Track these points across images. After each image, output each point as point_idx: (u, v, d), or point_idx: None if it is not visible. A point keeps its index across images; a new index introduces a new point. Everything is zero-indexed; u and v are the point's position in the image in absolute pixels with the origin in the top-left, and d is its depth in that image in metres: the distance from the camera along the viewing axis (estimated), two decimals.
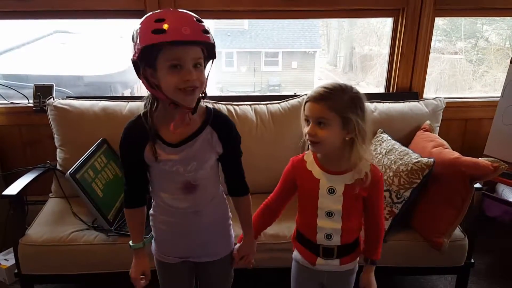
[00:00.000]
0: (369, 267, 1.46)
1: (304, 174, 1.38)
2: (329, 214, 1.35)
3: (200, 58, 1.13)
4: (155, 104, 1.20)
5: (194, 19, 1.10)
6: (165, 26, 1.05)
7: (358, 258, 1.47)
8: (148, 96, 1.22)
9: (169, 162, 1.21)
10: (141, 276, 1.35)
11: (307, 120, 1.28)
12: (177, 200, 1.27)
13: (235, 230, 1.47)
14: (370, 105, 2.30)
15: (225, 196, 1.40)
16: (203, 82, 1.15)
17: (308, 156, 1.39)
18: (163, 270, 1.42)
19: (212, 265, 1.41)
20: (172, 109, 1.16)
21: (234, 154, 1.31)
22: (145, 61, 1.11)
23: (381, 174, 1.37)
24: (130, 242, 1.35)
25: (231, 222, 1.44)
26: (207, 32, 1.10)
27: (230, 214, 1.43)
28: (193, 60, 1.11)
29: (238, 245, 1.46)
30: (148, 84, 1.14)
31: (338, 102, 1.22)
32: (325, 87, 1.25)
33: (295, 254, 1.51)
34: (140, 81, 1.17)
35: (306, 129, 1.28)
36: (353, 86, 1.28)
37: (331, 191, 1.33)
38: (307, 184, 1.37)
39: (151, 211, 1.36)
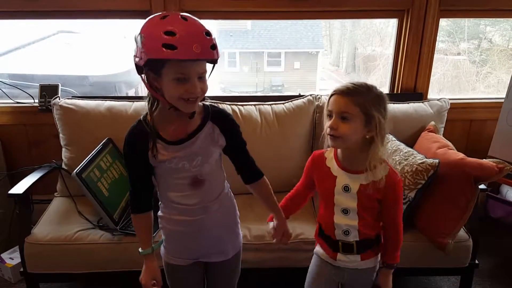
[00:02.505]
0: (385, 271, 1.46)
1: (322, 170, 1.40)
2: (345, 211, 1.37)
3: (205, 71, 1.15)
4: (155, 104, 1.21)
5: (204, 33, 1.09)
6: (176, 42, 1.04)
7: (379, 256, 1.47)
8: (148, 95, 1.23)
9: (174, 160, 1.23)
10: (153, 282, 1.35)
11: (329, 115, 1.28)
12: (186, 197, 1.28)
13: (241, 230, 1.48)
14: None
15: (232, 193, 1.41)
16: (205, 91, 1.17)
17: (329, 153, 1.41)
18: (173, 272, 1.43)
19: (222, 265, 1.42)
20: (171, 112, 1.18)
21: (239, 144, 1.33)
22: (149, 66, 1.12)
23: (399, 179, 1.35)
24: (140, 249, 1.34)
25: (239, 221, 1.45)
26: (214, 47, 1.11)
27: (237, 212, 1.44)
28: (198, 74, 1.13)
29: (272, 223, 1.47)
30: (149, 85, 1.16)
31: (364, 98, 1.24)
32: (352, 83, 1.26)
33: (317, 249, 1.52)
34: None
35: (328, 123, 1.28)
36: (377, 87, 1.29)
37: (346, 189, 1.34)
38: (325, 180, 1.39)
39: (159, 213, 1.37)
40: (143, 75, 1.16)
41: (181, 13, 1.11)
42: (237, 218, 1.44)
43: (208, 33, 1.10)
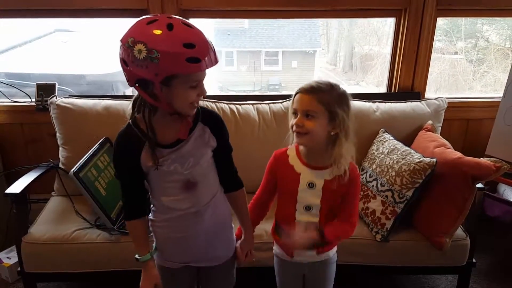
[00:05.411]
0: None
1: (285, 168, 1.40)
2: (308, 208, 1.38)
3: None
4: (154, 112, 1.18)
5: (206, 36, 1.10)
6: (198, 54, 1.05)
7: (336, 248, 1.51)
8: (136, 102, 1.20)
9: (166, 162, 1.21)
10: None
11: (295, 113, 1.31)
12: (178, 201, 1.27)
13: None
14: (372, 105, 2.31)
15: (225, 197, 1.40)
16: None
17: (291, 150, 1.42)
18: (164, 275, 1.40)
19: (214, 270, 1.41)
20: (167, 116, 1.18)
21: (226, 148, 1.33)
22: (162, 80, 1.08)
23: (358, 173, 1.40)
24: (137, 255, 1.31)
25: (233, 226, 1.44)
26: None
27: (231, 217, 1.43)
28: (204, 78, 1.15)
29: (239, 242, 1.46)
30: (150, 96, 1.11)
31: (327, 96, 1.27)
32: (316, 81, 1.30)
33: (275, 248, 1.54)
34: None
35: (293, 121, 1.31)
36: (340, 85, 1.33)
37: (311, 185, 1.36)
38: (288, 178, 1.39)
39: (150, 216, 1.34)
40: (136, 85, 1.11)
41: (180, 20, 1.08)
42: (229, 224, 1.42)
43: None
